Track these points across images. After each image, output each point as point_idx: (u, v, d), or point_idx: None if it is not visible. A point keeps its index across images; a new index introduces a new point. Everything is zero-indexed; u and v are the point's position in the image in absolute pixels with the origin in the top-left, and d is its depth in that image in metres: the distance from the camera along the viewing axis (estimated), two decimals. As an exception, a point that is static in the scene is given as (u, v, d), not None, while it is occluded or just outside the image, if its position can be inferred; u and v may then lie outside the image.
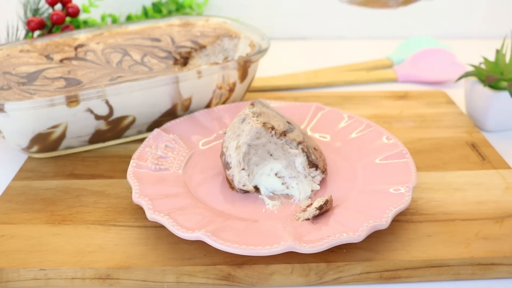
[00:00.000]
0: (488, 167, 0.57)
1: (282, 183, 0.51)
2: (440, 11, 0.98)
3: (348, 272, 0.44)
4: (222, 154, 0.52)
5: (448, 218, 0.49)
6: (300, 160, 0.51)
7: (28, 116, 0.53)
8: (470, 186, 0.54)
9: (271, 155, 0.51)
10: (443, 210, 0.50)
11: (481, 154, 0.59)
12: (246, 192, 0.51)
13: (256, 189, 0.51)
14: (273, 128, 0.50)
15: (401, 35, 0.98)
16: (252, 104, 0.52)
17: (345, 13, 0.98)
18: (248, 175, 0.50)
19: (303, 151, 0.51)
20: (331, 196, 0.47)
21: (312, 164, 0.51)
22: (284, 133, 0.51)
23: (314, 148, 0.53)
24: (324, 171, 0.52)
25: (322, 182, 0.52)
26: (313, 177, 0.51)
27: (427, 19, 0.99)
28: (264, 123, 0.50)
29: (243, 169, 0.49)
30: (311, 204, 0.48)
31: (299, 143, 0.51)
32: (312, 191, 0.51)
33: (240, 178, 0.49)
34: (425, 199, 0.52)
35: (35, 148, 0.57)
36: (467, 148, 0.60)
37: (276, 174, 0.51)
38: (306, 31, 1.00)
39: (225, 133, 0.54)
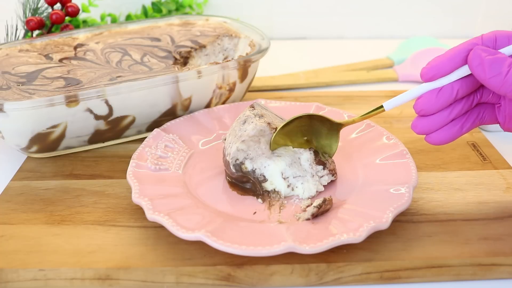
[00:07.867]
0: (489, 167, 0.57)
1: (288, 185, 0.50)
2: (440, 11, 0.98)
3: (349, 272, 0.44)
4: (225, 161, 0.51)
5: (449, 218, 0.49)
6: (306, 157, 0.50)
7: (27, 116, 0.53)
8: (471, 186, 0.54)
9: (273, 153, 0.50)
10: (444, 210, 0.50)
11: (482, 154, 0.59)
12: (242, 184, 0.50)
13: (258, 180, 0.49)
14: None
15: (402, 34, 0.98)
16: (252, 107, 0.52)
17: (345, 13, 0.98)
18: (251, 159, 0.49)
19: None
20: (330, 196, 0.47)
21: (320, 162, 0.51)
22: None
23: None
24: (334, 174, 0.51)
25: (323, 183, 0.52)
26: (320, 177, 0.51)
27: (427, 19, 0.99)
28: (268, 123, 0.50)
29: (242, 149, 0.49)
30: (311, 204, 0.47)
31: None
32: (316, 191, 0.50)
33: (235, 154, 0.47)
34: (426, 199, 0.51)
35: (34, 148, 0.57)
36: (467, 148, 0.60)
37: (282, 175, 0.50)
38: (306, 31, 1.00)
39: (224, 139, 0.53)
